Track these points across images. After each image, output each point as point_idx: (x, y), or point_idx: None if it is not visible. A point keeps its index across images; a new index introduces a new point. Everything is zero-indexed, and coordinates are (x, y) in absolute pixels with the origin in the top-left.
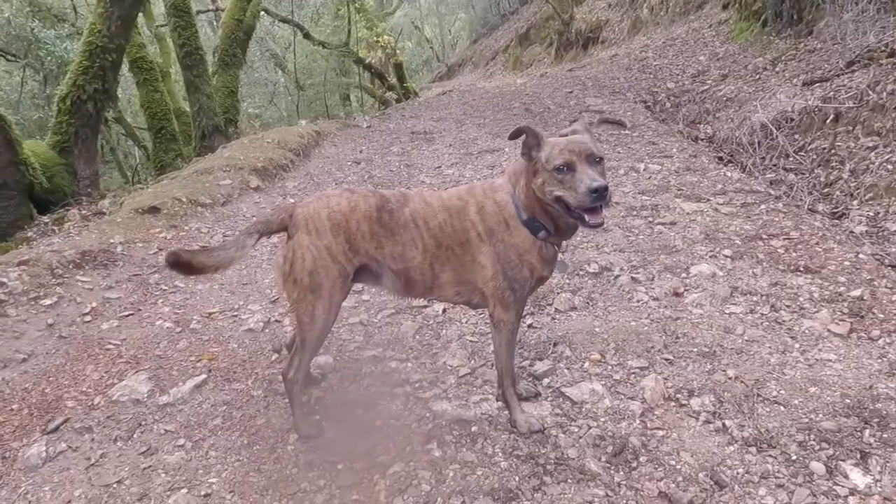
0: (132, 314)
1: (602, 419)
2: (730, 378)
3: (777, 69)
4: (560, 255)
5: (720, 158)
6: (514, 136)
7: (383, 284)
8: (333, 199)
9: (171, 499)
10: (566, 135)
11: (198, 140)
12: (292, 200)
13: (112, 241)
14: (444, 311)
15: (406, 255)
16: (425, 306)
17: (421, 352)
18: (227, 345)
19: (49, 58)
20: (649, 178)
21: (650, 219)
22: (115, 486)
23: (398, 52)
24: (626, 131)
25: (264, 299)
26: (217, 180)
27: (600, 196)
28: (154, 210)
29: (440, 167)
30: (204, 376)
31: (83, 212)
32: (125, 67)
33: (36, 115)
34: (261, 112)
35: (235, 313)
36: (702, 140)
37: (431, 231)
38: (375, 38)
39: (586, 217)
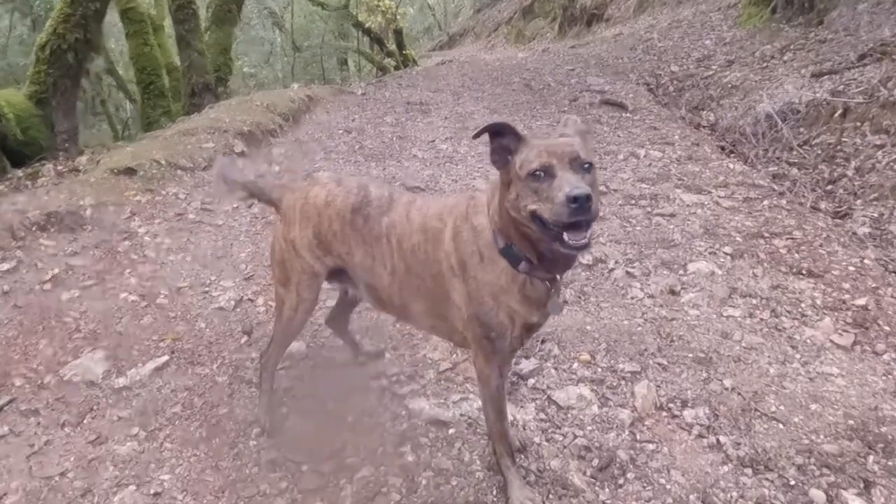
0: (96, 284)
1: (589, 428)
2: (726, 389)
3: (785, 58)
4: (561, 294)
5: (722, 148)
6: (480, 134)
7: (359, 294)
8: (314, 188)
9: (117, 497)
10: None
11: (187, 97)
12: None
13: (82, 202)
14: None
15: (375, 272)
16: None
17: (400, 342)
18: (195, 324)
19: (38, 2)
20: (649, 165)
21: (649, 209)
22: (57, 478)
23: (399, 17)
24: (628, 114)
25: (238, 275)
26: (200, 143)
27: (581, 207)
28: (130, 171)
29: (434, 141)
30: (166, 358)
31: (59, 167)
32: (117, 17)
33: (23, 62)
34: (256, 72)
35: (206, 289)
36: (704, 127)
37: (403, 253)
38: (376, 3)
39: (565, 236)
